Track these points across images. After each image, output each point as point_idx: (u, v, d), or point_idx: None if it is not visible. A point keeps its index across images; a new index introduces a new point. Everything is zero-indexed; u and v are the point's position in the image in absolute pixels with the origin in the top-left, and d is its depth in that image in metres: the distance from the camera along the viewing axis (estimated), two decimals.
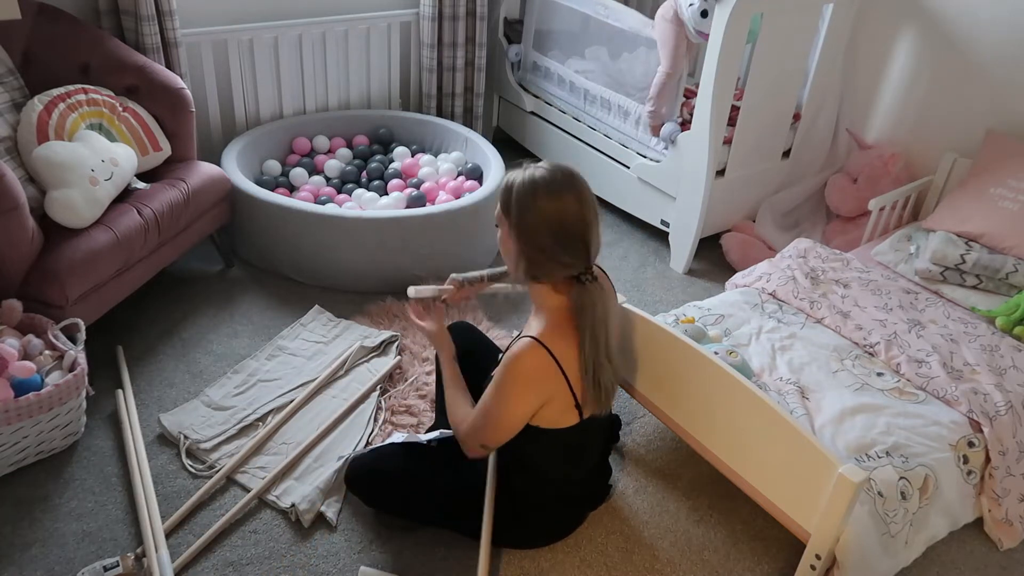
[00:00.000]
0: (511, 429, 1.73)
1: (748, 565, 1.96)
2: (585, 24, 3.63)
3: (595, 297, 1.66)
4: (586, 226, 1.64)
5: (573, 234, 1.64)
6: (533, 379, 1.67)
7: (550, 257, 1.65)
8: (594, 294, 1.66)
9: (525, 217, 1.63)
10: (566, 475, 1.87)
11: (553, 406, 1.71)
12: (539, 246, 1.64)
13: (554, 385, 1.68)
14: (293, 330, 2.61)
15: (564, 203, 1.62)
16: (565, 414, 1.73)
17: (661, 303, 2.97)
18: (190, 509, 1.94)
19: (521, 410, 1.70)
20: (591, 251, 1.67)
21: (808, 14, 2.98)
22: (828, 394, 2.07)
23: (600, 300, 1.67)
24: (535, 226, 1.63)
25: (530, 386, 1.68)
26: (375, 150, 3.38)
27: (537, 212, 1.62)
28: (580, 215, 1.63)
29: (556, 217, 1.62)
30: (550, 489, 1.87)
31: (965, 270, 2.61)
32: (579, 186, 1.65)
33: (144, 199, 2.41)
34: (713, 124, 2.85)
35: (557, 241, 1.63)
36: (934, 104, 3.11)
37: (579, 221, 1.63)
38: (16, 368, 1.94)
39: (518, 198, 1.64)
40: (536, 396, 1.69)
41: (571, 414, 1.73)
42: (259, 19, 3.12)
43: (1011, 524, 2.06)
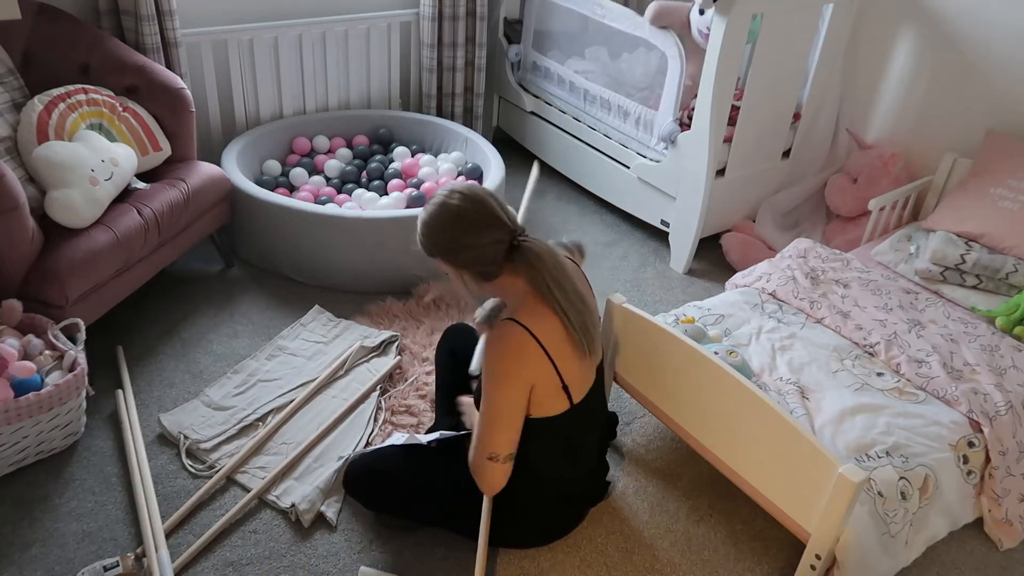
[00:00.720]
0: (511, 422, 1.70)
1: (748, 565, 1.96)
2: (585, 24, 3.63)
3: (538, 250, 1.69)
4: (482, 204, 1.69)
5: (475, 215, 1.68)
6: (516, 355, 1.67)
7: (475, 246, 1.68)
8: (536, 248, 1.69)
9: (433, 238, 1.71)
10: (564, 474, 1.87)
11: (541, 388, 1.70)
12: (461, 245, 1.69)
13: (536, 360, 1.67)
14: (293, 330, 2.61)
15: (451, 203, 1.69)
16: (554, 399, 1.73)
17: (661, 303, 2.97)
18: (190, 509, 1.94)
19: (513, 394, 1.68)
20: (504, 218, 1.70)
21: (808, 14, 2.98)
22: (828, 394, 2.07)
23: (545, 250, 1.71)
24: (445, 238, 1.70)
25: (515, 363, 1.67)
26: (375, 150, 3.38)
27: (438, 227, 1.70)
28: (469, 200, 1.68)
29: (450, 215, 1.68)
30: (549, 488, 1.87)
31: (965, 270, 2.61)
32: (459, 187, 1.71)
33: (144, 199, 2.41)
34: (713, 124, 2.85)
35: (468, 229, 1.68)
36: (934, 104, 3.11)
37: (472, 204, 1.68)
38: (16, 368, 1.94)
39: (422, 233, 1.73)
40: (522, 374, 1.67)
41: (560, 398, 1.73)
42: (259, 19, 3.13)
43: (1011, 524, 2.06)
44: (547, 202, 3.61)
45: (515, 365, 1.67)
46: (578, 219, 3.48)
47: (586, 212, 3.54)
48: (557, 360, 1.69)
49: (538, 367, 1.68)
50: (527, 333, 1.66)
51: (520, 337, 1.66)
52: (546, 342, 1.67)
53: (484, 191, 1.71)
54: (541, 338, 1.67)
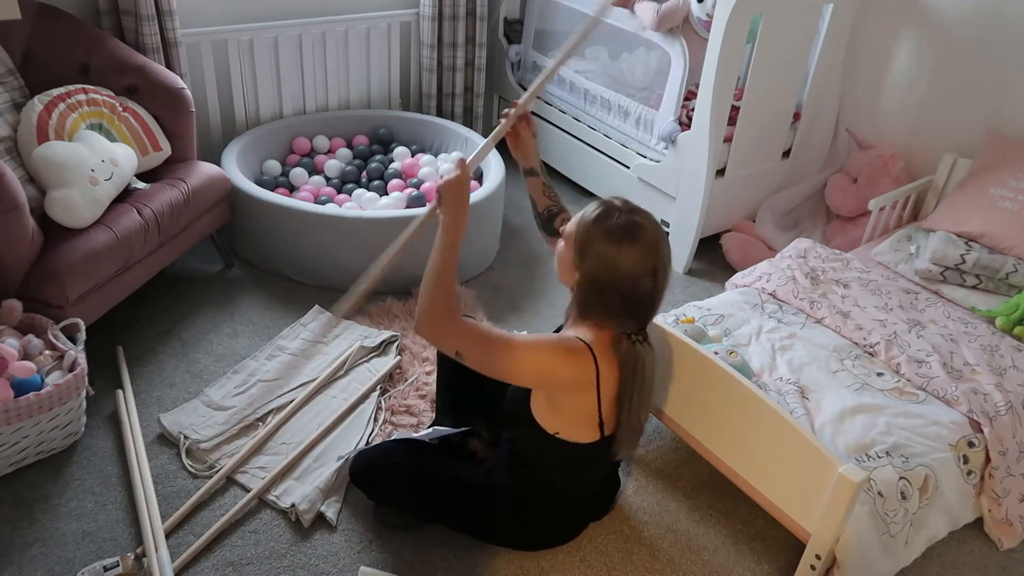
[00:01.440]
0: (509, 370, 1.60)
1: (748, 565, 1.96)
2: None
3: (643, 355, 1.64)
4: (655, 292, 1.61)
5: (642, 296, 1.60)
6: (575, 359, 1.61)
7: (609, 314, 1.61)
8: (642, 353, 1.64)
9: (600, 262, 1.57)
10: (575, 487, 1.87)
11: (575, 407, 1.68)
12: (600, 287, 1.60)
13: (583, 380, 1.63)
14: (293, 330, 2.61)
15: (644, 265, 1.56)
16: (587, 428, 1.72)
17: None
18: (190, 509, 1.94)
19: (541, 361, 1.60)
20: (648, 316, 1.65)
21: (808, 14, 2.98)
22: (828, 394, 2.07)
23: (648, 359, 1.65)
24: (605, 274, 1.58)
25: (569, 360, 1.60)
26: (375, 150, 3.38)
27: (615, 261, 1.56)
28: (656, 282, 1.59)
29: (630, 274, 1.56)
30: (558, 498, 1.87)
31: (965, 270, 2.61)
32: (665, 251, 1.60)
33: (144, 199, 2.41)
34: (713, 124, 2.85)
35: (624, 297, 1.59)
36: (934, 104, 3.11)
37: (651, 287, 1.59)
38: (16, 368, 1.94)
39: (601, 242, 1.57)
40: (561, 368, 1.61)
41: (592, 430, 1.72)
42: (259, 19, 3.13)
43: (1011, 524, 2.06)
44: None
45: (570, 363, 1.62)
46: None
47: None
48: (603, 402, 1.68)
49: (581, 388, 1.65)
50: (592, 359, 1.62)
51: (585, 356, 1.61)
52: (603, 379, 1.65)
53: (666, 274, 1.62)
54: (601, 374, 1.64)
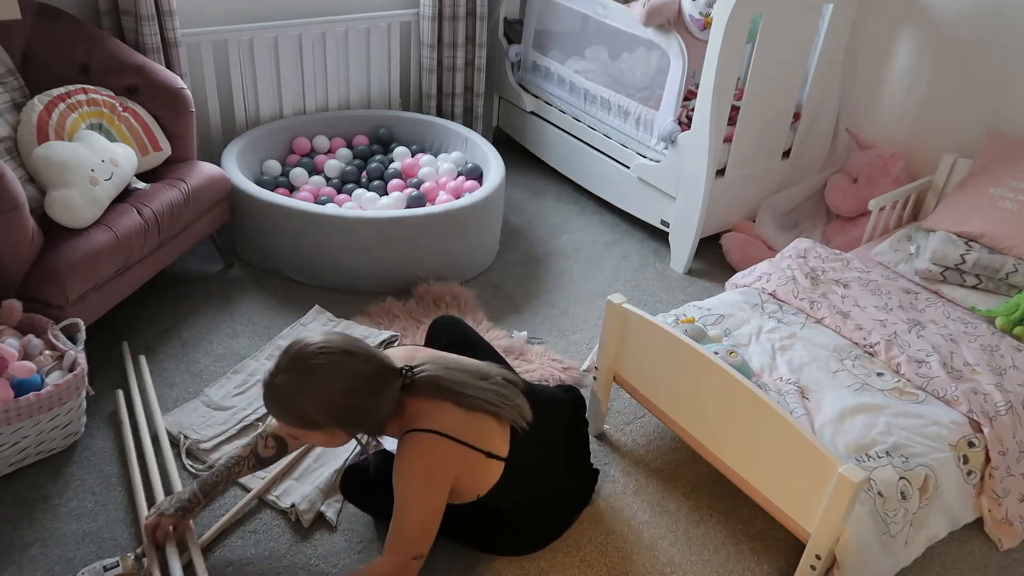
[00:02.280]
0: (435, 523, 1.66)
1: (748, 565, 1.96)
2: (585, 24, 3.63)
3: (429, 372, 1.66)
4: (374, 358, 1.60)
5: (378, 376, 1.60)
6: (429, 462, 1.63)
7: (379, 404, 1.61)
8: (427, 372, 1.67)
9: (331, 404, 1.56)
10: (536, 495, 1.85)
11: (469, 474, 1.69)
12: (364, 410, 1.59)
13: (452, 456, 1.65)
14: (293, 330, 2.61)
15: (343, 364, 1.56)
16: (487, 471, 1.71)
17: (661, 303, 2.97)
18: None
19: (437, 499, 1.64)
20: (393, 367, 1.64)
21: (808, 14, 2.98)
22: (828, 394, 2.08)
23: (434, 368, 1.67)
24: (348, 402, 1.57)
25: (430, 469, 1.63)
26: (375, 150, 3.38)
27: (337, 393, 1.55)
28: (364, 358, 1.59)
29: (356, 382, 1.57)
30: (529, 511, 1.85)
31: (965, 270, 2.61)
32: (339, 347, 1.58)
33: (144, 199, 2.41)
34: (713, 124, 2.85)
35: (374, 391, 1.59)
36: (934, 104, 3.11)
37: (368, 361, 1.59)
38: (16, 368, 1.94)
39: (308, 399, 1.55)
40: (440, 477, 1.65)
41: (491, 467, 1.71)
42: (259, 19, 3.13)
43: (1011, 524, 2.06)
44: (547, 202, 3.61)
45: (433, 471, 1.63)
46: (578, 219, 3.48)
47: (586, 212, 3.54)
48: (470, 437, 1.67)
49: (456, 460, 1.66)
50: (432, 435, 1.63)
51: (428, 443, 1.63)
52: (453, 430, 1.65)
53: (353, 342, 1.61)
54: (447, 430, 1.64)
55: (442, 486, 1.66)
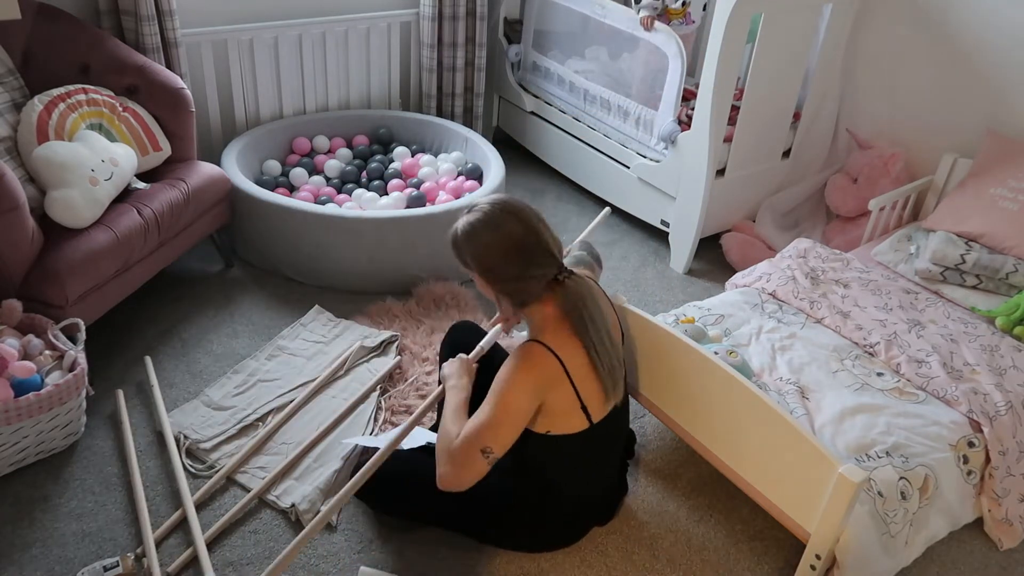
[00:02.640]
0: (513, 425, 1.67)
1: (748, 565, 1.96)
2: (585, 24, 3.63)
3: (580, 287, 1.71)
4: (537, 236, 1.68)
5: (531, 247, 1.67)
6: (534, 368, 1.67)
7: (524, 278, 1.68)
8: (579, 285, 1.71)
9: (484, 260, 1.69)
10: (582, 490, 1.87)
11: (556, 405, 1.70)
12: (509, 275, 1.68)
13: (554, 378, 1.67)
14: (293, 330, 2.61)
15: (508, 228, 1.67)
16: (572, 417, 1.72)
17: (661, 303, 2.97)
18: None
19: (523, 400, 1.67)
20: (554, 253, 1.70)
21: (808, 14, 2.98)
22: (828, 394, 2.08)
23: (586, 288, 1.72)
24: (495, 261, 1.68)
25: (531, 374, 1.67)
26: (375, 150, 3.38)
27: (489, 249, 1.67)
28: (527, 230, 1.67)
29: (508, 244, 1.67)
30: (565, 504, 1.86)
31: (965, 270, 2.61)
32: (513, 207, 1.70)
33: (144, 199, 2.41)
34: (713, 124, 2.85)
35: (522, 261, 1.67)
36: (934, 104, 3.11)
37: (529, 235, 1.67)
38: (16, 368, 1.94)
39: (468, 247, 1.69)
40: (536, 386, 1.67)
41: (578, 417, 1.73)
42: (259, 19, 3.13)
43: (1011, 524, 2.06)
44: (547, 202, 3.61)
45: (531, 375, 1.67)
46: (578, 219, 3.48)
47: (586, 212, 3.54)
48: (578, 381, 1.70)
49: (556, 383, 1.68)
50: (550, 353, 1.67)
51: (543, 354, 1.67)
52: (569, 364, 1.68)
53: (536, 216, 1.70)
54: (564, 359, 1.67)
55: (535, 394, 1.67)
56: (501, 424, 1.67)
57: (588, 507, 1.95)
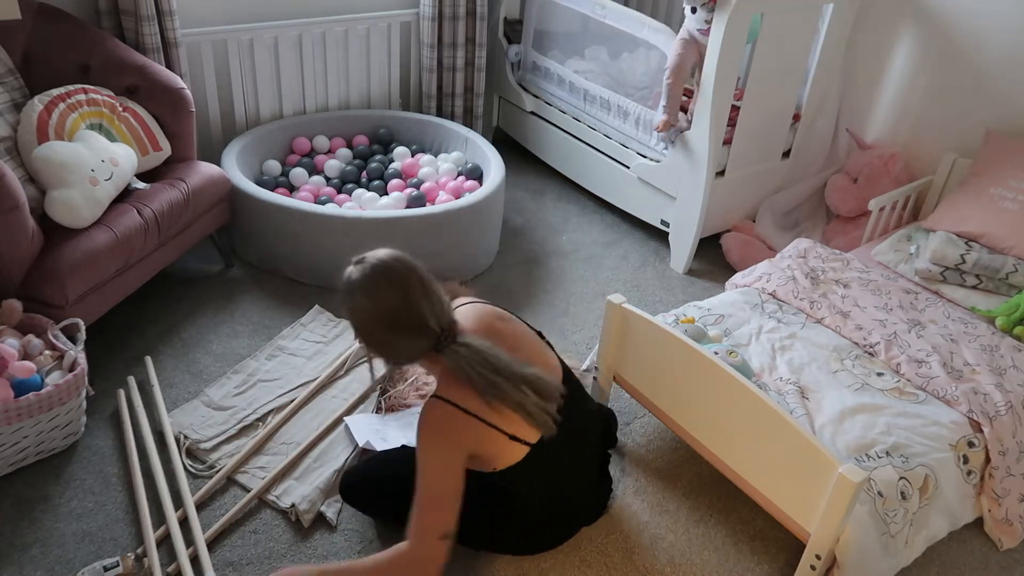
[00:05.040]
0: (448, 493, 1.61)
1: (748, 565, 1.96)
2: (585, 24, 3.63)
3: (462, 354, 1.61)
4: (411, 308, 1.60)
5: (403, 320, 1.60)
6: (440, 429, 1.62)
7: (397, 346, 1.63)
8: (460, 353, 1.61)
9: (354, 320, 1.63)
10: (555, 495, 1.85)
11: (484, 448, 1.65)
12: (377, 340, 1.63)
13: (467, 429, 1.63)
14: (293, 330, 2.61)
15: (382, 296, 1.59)
16: (507, 450, 1.67)
17: (661, 303, 2.97)
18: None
19: (447, 466, 1.61)
20: (431, 326, 1.61)
21: (808, 14, 2.98)
22: (828, 394, 2.08)
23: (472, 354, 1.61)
24: (365, 325, 1.62)
25: (440, 438, 1.62)
26: (375, 150, 3.38)
27: (361, 313, 1.61)
28: (403, 301, 1.59)
29: (379, 313, 1.59)
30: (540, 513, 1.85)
31: (965, 270, 2.61)
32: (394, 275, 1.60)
33: (144, 199, 2.41)
34: (713, 124, 2.85)
35: (392, 331, 1.61)
36: (934, 104, 3.11)
37: (404, 309, 1.59)
38: (16, 368, 1.94)
39: (344, 304, 1.63)
40: (452, 446, 1.62)
41: (512, 447, 1.67)
42: (259, 19, 3.12)
43: (1011, 524, 2.06)
44: (547, 202, 3.61)
45: (446, 440, 1.62)
46: (578, 219, 3.48)
47: (586, 212, 3.54)
48: (491, 416, 1.64)
49: (471, 434, 1.63)
50: (449, 406, 1.61)
51: (445, 411, 1.62)
52: (472, 405, 1.62)
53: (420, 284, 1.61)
54: (466, 404, 1.62)
55: (457, 454, 1.62)
56: (447, 502, 1.61)
57: (570, 508, 1.93)
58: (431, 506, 1.61)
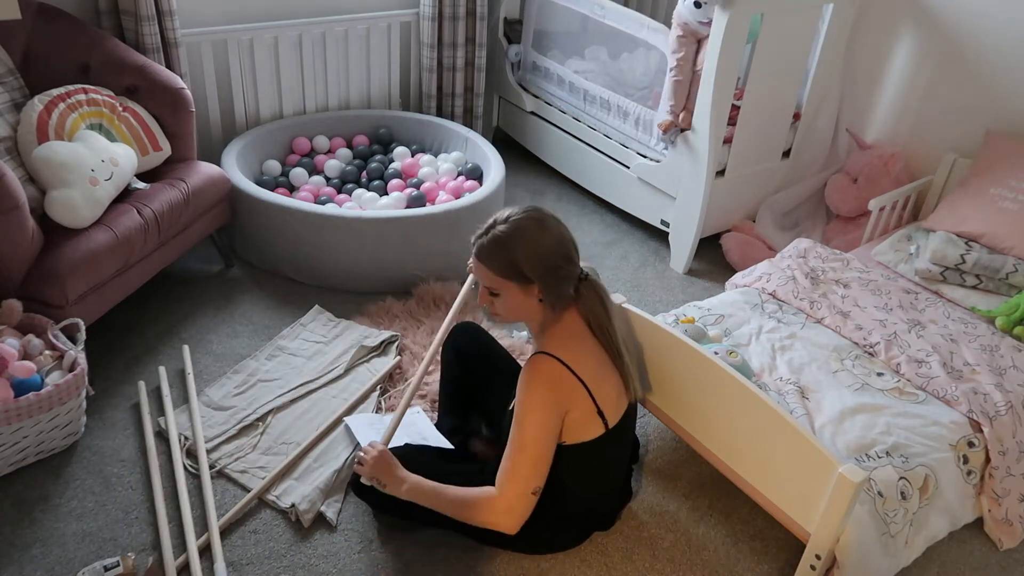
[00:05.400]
0: (545, 450, 1.68)
1: (748, 565, 1.96)
2: (585, 24, 3.63)
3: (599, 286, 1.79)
4: (569, 240, 1.74)
5: (573, 243, 1.74)
6: (550, 385, 1.68)
7: (566, 277, 1.72)
8: (597, 284, 1.78)
9: (538, 259, 1.68)
10: (594, 493, 1.87)
11: (576, 415, 1.71)
12: (558, 270, 1.70)
13: (571, 390, 1.69)
14: (293, 330, 2.61)
15: (553, 227, 1.71)
16: (589, 424, 1.73)
17: (661, 303, 2.97)
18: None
19: (548, 422, 1.67)
20: (578, 257, 1.76)
21: (808, 14, 2.98)
22: (828, 394, 2.08)
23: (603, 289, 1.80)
24: (549, 260, 1.69)
25: (549, 393, 1.68)
26: (375, 150, 3.38)
27: (542, 248, 1.68)
28: (564, 229, 1.74)
29: (556, 242, 1.70)
30: (570, 509, 1.85)
31: (965, 270, 2.61)
32: (546, 212, 1.74)
33: (144, 199, 2.41)
34: (713, 124, 2.85)
35: (569, 255, 1.72)
36: (934, 104, 3.11)
37: (566, 233, 1.74)
38: (16, 368, 1.94)
39: (522, 249, 1.67)
40: (556, 402, 1.68)
41: (595, 423, 1.74)
42: (259, 19, 3.13)
43: (1011, 524, 2.06)
44: (547, 202, 3.61)
45: (549, 394, 1.68)
46: (578, 219, 3.48)
47: (586, 212, 3.54)
48: (592, 385, 1.71)
49: (573, 394, 1.70)
50: (559, 363, 1.68)
51: (554, 368, 1.68)
52: (580, 369, 1.69)
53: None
54: (575, 366, 1.69)
55: (558, 410, 1.68)
56: (541, 459, 1.68)
57: (594, 511, 1.95)
58: (528, 460, 1.67)
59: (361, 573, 1.85)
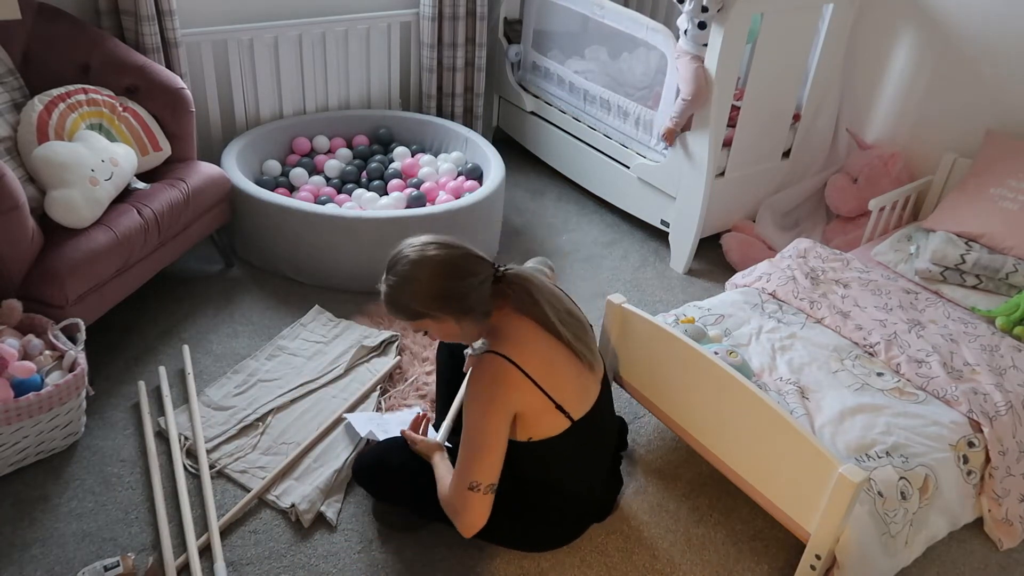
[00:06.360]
0: (492, 449, 1.66)
1: (748, 565, 1.96)
2: (585, 24, 3.63)
3: (521, 274, 1.74)
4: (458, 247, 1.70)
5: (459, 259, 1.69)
6: (493, 381, 1.66)
7: (470, 288, 1.68)
8: (520, 272, 1.74)
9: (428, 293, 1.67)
10: (573, 488, 1.87)
11: (529, 411, 1.69)
12: (458, 292, 1.67)
13: (515, 387, 1.67)
14: (293, 330, 2.61)
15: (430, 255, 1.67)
16: (549, 419, 1.72)
17: (661, 303, 2.97)
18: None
19: (493, 420, 1.66)
20: (481, 255, 1.72)
21: (808, 14, 2.98)
22: (828, 394, 2.08)
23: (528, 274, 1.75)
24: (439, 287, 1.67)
25: (491, 389, 1.66)
26: (375, 150, 3.38)
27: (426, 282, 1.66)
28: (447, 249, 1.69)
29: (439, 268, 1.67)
30: (558, 503, 1.86)
31: (965, 270, 2.61)
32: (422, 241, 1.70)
33: (144, 199, 2.41)
34: (713, 124, 2.85)
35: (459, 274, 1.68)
36: (934, 104, 3.11)
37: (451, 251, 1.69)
38: (16, 368, 1.94)
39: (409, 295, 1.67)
40: (501, 400, 1.66)
41: (556, 417, 1.72)
42: (259, 19, 3.12)
43: (1011, 524, 2.06)
44: (547, 202, 3.61)
45: (496, 392, 1.66)
46: (578, 219, 3.48)
47: (586, 212, 3.54)
48: (544, 381, 1.69)
49: (521, 393, 1.67)
50: (506, 362, 1.66)
51: (499, 366, 1.66)
52: (529, 367, 1.67)
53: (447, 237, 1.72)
54: (523, 364, 1.66)
55: (504, 408, 1.67)
56: (479, 453, 1.67)
57: (584, 504, 1.95)
58: (468, 456, 1.67)
59: (361, 573, 1.85)
